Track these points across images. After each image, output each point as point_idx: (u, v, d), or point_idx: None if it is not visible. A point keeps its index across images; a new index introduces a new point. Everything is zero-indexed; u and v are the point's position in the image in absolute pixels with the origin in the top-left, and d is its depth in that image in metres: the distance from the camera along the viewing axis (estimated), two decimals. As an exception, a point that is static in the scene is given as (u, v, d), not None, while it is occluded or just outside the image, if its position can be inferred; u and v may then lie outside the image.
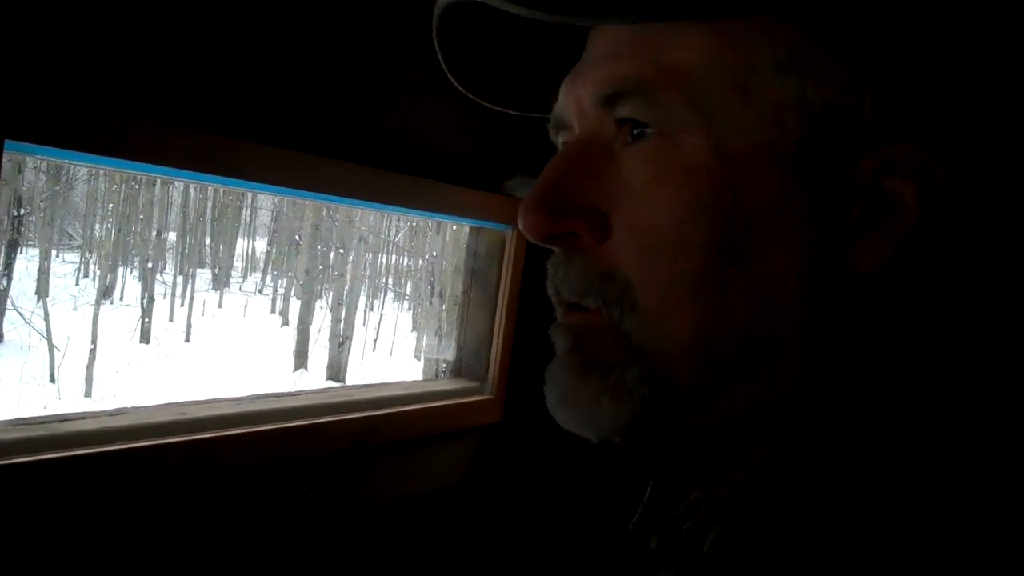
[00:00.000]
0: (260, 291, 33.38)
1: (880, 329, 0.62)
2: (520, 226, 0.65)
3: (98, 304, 17.91)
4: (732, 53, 0.59)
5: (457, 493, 2.03)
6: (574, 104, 0.66)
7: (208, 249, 32.95)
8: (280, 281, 30.92)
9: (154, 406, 1.46)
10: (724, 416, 0.63)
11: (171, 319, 24.22)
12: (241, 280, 36.11)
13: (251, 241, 37.06)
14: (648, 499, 0.80)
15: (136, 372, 17.17)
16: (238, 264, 36.55)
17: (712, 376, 0.61)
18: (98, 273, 20.84)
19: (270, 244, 34.10)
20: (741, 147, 0.59)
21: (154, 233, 24.20)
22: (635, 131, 0.62)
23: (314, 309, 21.06)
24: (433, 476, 1.97)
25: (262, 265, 35.60)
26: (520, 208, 0.64)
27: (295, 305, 23.05)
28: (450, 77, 0.73)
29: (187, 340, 21.73)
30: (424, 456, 1.92)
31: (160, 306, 24.28)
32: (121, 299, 26.88)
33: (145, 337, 20.66)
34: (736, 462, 0.63)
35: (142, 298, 21.41)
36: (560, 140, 0.69)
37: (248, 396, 1.61)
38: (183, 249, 27.88)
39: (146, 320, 20.84)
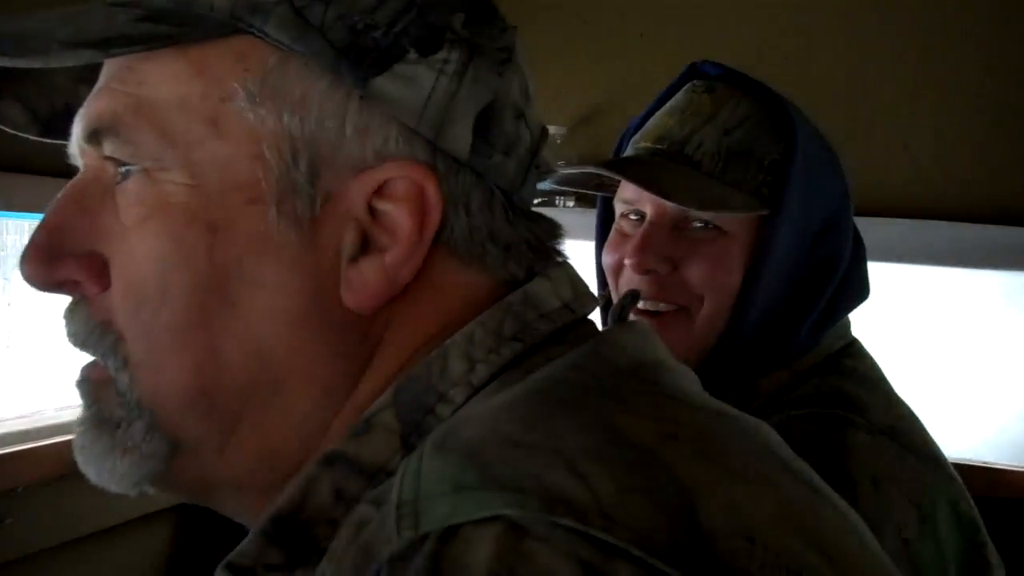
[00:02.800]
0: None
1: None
2: (22, 276, 0.61)
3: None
4: (205, 84, 0.57)
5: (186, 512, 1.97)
6: (74, 140, 0.63)
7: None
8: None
9: None
10: (242, 459, 0.60)
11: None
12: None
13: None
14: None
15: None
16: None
17: (218, 424, 0.59)
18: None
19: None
20: (218, 184, 0.56)
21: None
22: (122, 170, 0.58)
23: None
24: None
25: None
26: (20, 256, 0.60)
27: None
28: None
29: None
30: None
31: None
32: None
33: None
34: (266, 501, 0.61)
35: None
36: None
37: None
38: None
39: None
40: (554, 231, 0.66)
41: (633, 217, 1.17)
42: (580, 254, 1.27)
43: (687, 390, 0.58)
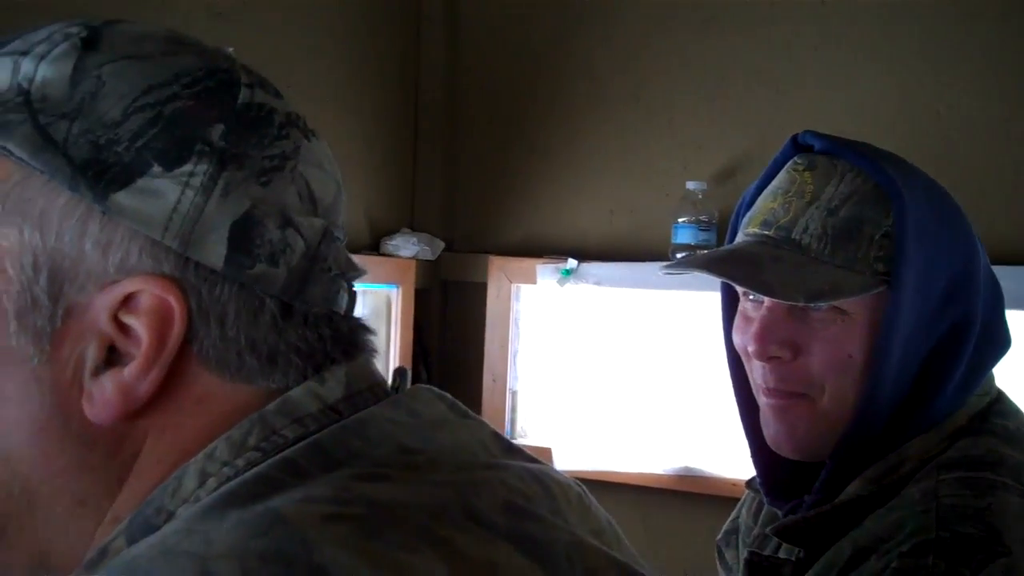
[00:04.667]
0: None
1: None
2: None
3: None
4: None
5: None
6: None
7: None
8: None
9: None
10: (17, 560, 0.62)
11: None
12: None
13: None
14: None
15: None
16: None
17: None
18: None
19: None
20: None
21: None
22: None
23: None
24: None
25: None
26: None
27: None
28: None
29: None
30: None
31: None
32: None
33: None
34: None
35: None
36: None
37: None
38: None
39: None
40: (346, 331, 0.65)
41: (752, 298, 1.16)
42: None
43: (417, 461, 0.59)
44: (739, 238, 1.20)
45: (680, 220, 2.35)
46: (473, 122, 2.79)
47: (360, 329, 0.65)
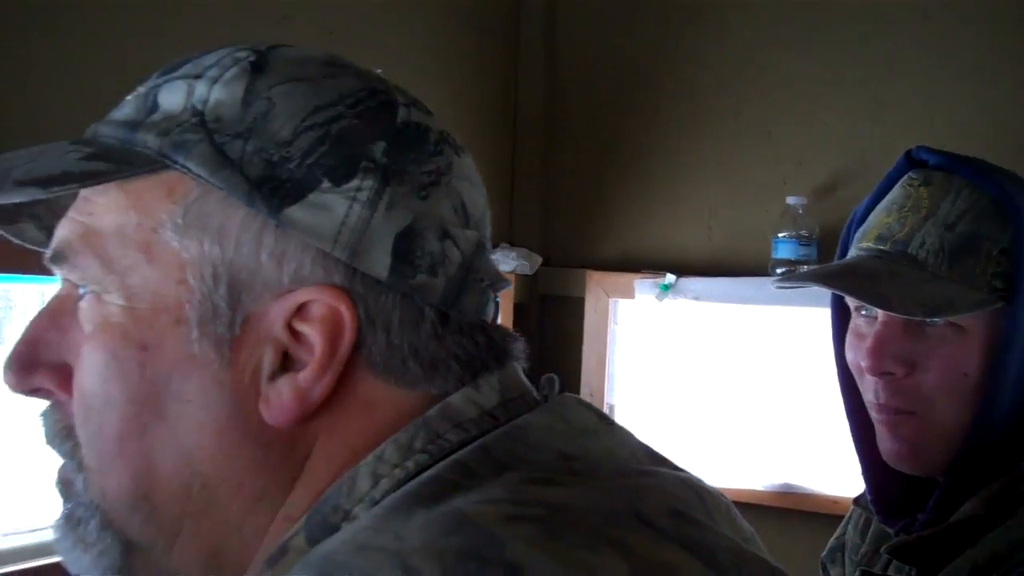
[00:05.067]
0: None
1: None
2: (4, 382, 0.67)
3: None
4: (139, 214, 0.62)
5: None
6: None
7: None
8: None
9: None
10: (190, 560, 0.65)
11: None
12: None
13: None
14: None
15: None
16: None
17: (161, 527, 0.64)
18: None
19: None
20: (150, 306, 0.62)
21: None
22: (80, 290, 0.64)
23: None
24: None
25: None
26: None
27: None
28: None
29: None
30: None
31: None
32: None
33: None
34: None
35: None
36: None
37: None
38: None
39: None
40: (498, 339, 0.67)
41: (865, 313, 1.15)
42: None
43: (577, 467, 0.61)
44: (852, 253, 1.20)
45: (780, 235, 2.34)
46: (571, 138, 2.82)
47: (510, 337, 0.68)
